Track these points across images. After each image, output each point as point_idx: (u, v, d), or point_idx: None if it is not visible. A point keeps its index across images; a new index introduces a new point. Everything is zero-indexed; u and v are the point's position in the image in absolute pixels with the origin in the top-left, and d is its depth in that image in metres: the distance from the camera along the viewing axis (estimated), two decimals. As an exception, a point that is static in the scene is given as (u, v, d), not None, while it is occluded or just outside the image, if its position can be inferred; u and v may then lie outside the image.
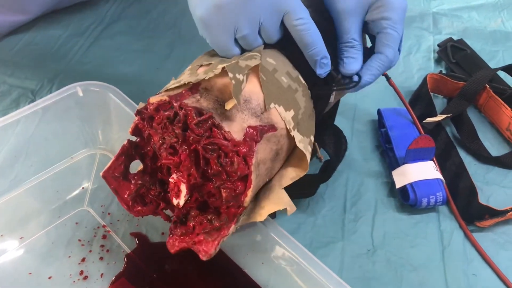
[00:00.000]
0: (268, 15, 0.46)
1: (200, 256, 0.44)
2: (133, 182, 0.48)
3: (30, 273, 0.51)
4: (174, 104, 0.42)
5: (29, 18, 0.84)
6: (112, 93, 0.60)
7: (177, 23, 0.88)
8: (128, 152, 0.48)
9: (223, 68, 0.43)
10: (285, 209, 0.45)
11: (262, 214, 0.44)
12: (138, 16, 0.90)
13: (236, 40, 0.47)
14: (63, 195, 0.59)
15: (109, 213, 0.57)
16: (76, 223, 0.56)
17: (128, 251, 0.54)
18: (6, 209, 0.57)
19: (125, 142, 0.48)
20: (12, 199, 0.58)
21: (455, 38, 0.86)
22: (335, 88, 0.50)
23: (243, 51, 0.48)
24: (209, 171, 0.42)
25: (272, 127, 0.44)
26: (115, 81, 0.62)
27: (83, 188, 0.60)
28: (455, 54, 0.82)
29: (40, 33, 0.84)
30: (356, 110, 0.73)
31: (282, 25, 0.47)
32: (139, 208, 0.49)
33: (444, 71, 0.79)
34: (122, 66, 0.79)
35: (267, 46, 0.49)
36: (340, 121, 0.71)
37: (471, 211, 0.59)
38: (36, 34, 0.84)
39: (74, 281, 0.51)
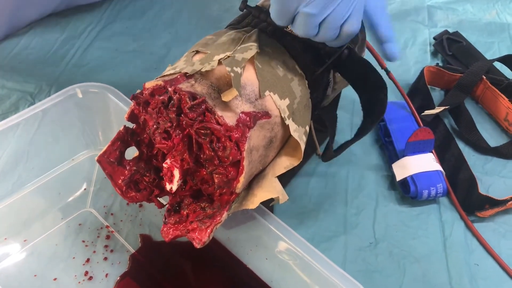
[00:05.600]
0: None
1: (194, 244, 0.44)
2: (127, 168, 0.48)
3: (35, 275, 0.52)
4: (169, 88, 0.42)
5: (26, 24, 0.84)
6: (111, 94, 0.60)
7: (174, 23, 0.89)
8: (124, 138, 0.48)
9: (219, 61, 0.43)
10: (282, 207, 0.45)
11: (255, 201, 0.45)
12: (134, 17, 0.90)
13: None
14: (65, 197, 0.59)
15: (111, 214, 0.58)
16: (80, 224, 0.56)
17: (132, 250, 0.54)
18: (9, 212, 0.57)
19: (121, 128, 0.48)
20: (15, 202, 0.58)
21: (450, 30, 0.86)
22: (327, 61, 0.50)
23: None
24: (202, 156, 0.43)
25: (266, 114, 0.44)
26: (113, 82, 0.62)
27: (85, 189, 0.60)
28: (451, 47, 0.82)
29: (36, 37, 0.84)
30: (355, 104, 0.74)
31: None
32: (133, 194, 0.49)
33: (440, 64, 0.79)
34: (120, 67, 0.79)
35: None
36: (339, 115, 0.71)
37: (471, 202, 0.60)
38: (33, 37, 0.84)
39: (79, 282, 0.51)
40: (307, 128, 0.49)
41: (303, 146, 0.47)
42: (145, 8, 0.92)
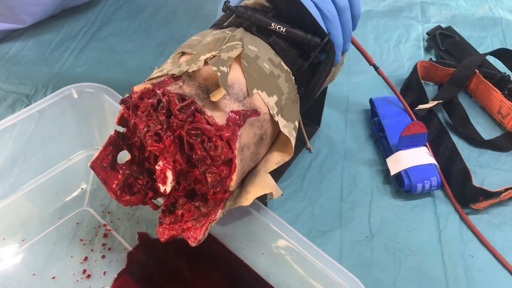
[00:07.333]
0: None
1: (189, 242, 0.44)
2: (121, 172, 0.49)
3: (33, 274, 0.52)
4: (157, 91, 0.42)
5: (22, 27, 0.85)
6: (107, 94, 0.60)
7: (168, 22, 0.89)
8: (116, 143, 0.48)
9: (205, 61, 0.44)
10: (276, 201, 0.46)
11: (248, 198, 0.45)
12: (129, 17, 0.90)
13: None
14: (62, 197, 0.59)
15: (109, 212, 0.58)
16: (77, 223, 0.57)
17: (130, 248, 0.54)
18: (7, 212, 0.57)
19: (112, 132, 0.48)
20: (12, 202, 0.58)
21: (443, 26, 0.87)
22: (312, 55, 0.50)
23: None
24: (194, 156, 0.43)
25: (255, 112, 0.44)
26: (109, 83, 0.63)
27: (82, 188, 0.60)
28: (444, 42, 0.83)
29: (32, 39, 0.84)
30: (348, 101, 0.74)
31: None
32: (127, 197, 0.49)
33: (434, 59, 0.80)
34: (115, 67, 0.79)
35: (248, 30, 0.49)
36: (333, 113, 0.72)
37: (465, 194, 0.60)
38: (28, 40, 0.84)
39: (77, 280, 0.52)
40: (296, 123, 0.50)
41: (293, 141, 0.47)
42: (140, 9, 0.92)
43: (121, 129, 0.49)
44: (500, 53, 0.75)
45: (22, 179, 0.59)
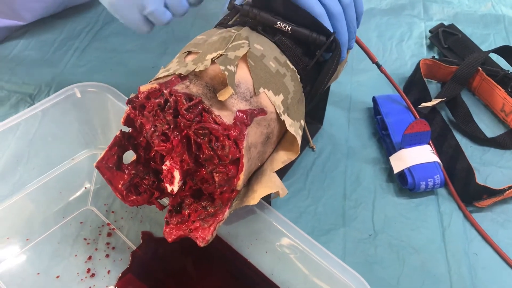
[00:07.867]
0: None
1: (198, 242, 0.44)
2: (126, 172, 0.49)
3: (38, 274, 0.52)
4: (164, 91, 0.42)
5: (22, 24, 0.85)
6: (110, 93, 0.60)
7: (170, 21, 0.89)
8: (121, 143, 0.48)
9: (212, 60, 0.44)
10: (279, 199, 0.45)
11: (255, 197, 0.45)
12: (131, 16, 0.90)
13: (146, 17, 0.52)
14: (66, 196, 0.59)
15: (112, 211, 0.58)
16: (81, 222, 0.57)
17: (134, 247, 0.55)
18: (11, 212, 0.57)
19: (118, 132, 0.48)
20: (16, 202, 0.58)
21: (446, 23, 0.87)
22: (317, 53, 0.50)
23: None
24: (201, 156, 0.43)
25: (262, 111, 0.44)
26: (111, 82, 0.63)
27: (85, 188, 0.61)
28: (447, 39, 0.83)
29: (34, 39, 0.84)
30: (351, 99, 0.74)
31: None
32: (133, 197, 0.49)
33: (436, 56, 0.79)
34: (118, 66, 0.79)
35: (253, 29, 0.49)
36: (336, 112, 0.72)
37: (469, 192, 0.60)
38: (31, 39, 0.84)
39: (81, 279, 0.52)
40: (302, 122, 0.50)
41: (299, 140, 0.47)
42: (142, 8, 0.92)
43: (126, 129, 0.49)
44: (503, 51, 0.75)
45: (26, 178, 0.60)
